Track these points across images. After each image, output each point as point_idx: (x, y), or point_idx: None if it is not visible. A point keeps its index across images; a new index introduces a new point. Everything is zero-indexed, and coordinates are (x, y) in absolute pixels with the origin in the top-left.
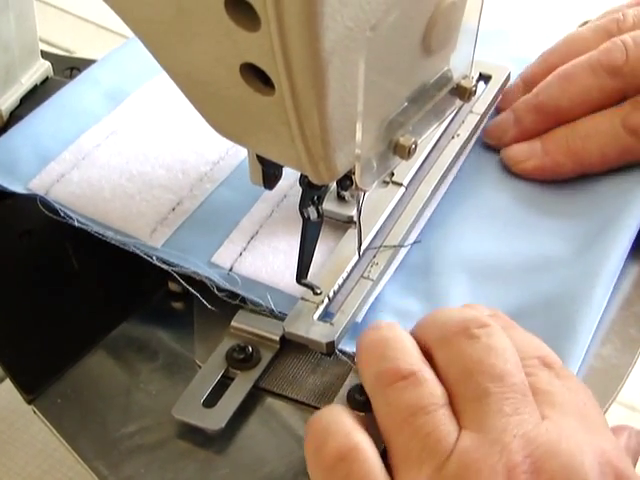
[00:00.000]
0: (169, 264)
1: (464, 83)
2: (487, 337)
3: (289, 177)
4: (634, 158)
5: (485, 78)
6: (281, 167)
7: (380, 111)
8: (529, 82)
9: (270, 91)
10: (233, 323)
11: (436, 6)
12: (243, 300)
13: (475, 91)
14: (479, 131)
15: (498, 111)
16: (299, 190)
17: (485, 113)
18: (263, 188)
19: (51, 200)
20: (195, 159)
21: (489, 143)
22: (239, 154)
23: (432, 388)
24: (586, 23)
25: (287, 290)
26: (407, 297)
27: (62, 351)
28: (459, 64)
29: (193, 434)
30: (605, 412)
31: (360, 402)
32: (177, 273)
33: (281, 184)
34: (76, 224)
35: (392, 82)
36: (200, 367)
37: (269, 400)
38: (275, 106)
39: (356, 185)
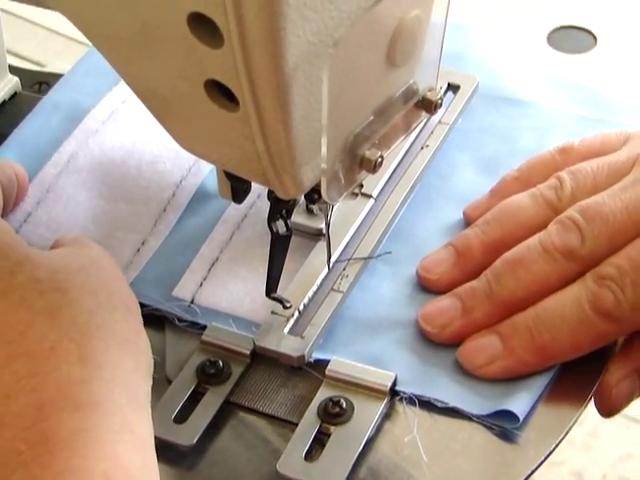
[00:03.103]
0: None
1: (430, 96)
2: None
3: (249, 197)
4: (607, 341)
5: (454, 88)
6: (250, 182)
7: (345, 125)
8: (465, 254)
9: (235, 107)
10: (203, 338)
11: (399, 20)
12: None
13: (441, 103)
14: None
15: (427, 283)
16: (259, 210)
17: (454, 123)
18: (224, 210)
19: None
20: (157, 181)
21: (428, 330)
22: (201, 172)
23: None
24: None
25: (247, 317)
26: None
27: None
28: (424, 77)
29: (164, 451)
30: (575, 420)
31: (331, 415)
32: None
33: (241, 204)
34: None
35: (357, 96)
36: (171, 382)
37: (240, 414)
38: (240, 122)
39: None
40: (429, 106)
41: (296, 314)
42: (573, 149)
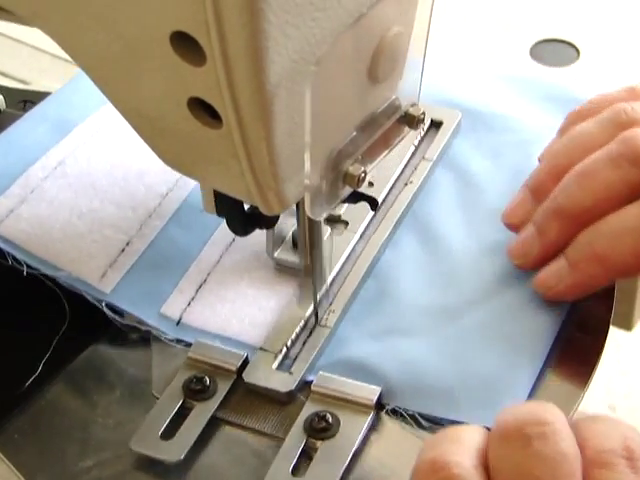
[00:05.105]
0: (118, 311)
1: (412, 111)
2: (539, 441)
3: None
4: None
5: (436, 124)
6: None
7: (328, 141)
8: (538, 190)
9: (218, 125)
10: (190, 354)
11: (381, 36)
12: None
13: (423, 119)
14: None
15: (512, 229)
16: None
17: (437, 160)
18: (211, 223)
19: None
20: (144, 192)
21: (516, 264)
22: (188, 185)
23: None
24: None
25: (234, 337)
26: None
27: (18, 386)
28: (407, 92)
29: (152, 466)
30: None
31: (317, 430)
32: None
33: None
34: (24, 273)
35: (340, 112)
36: (158, 399)
37: (228, 430)
38: (223, 139)
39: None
40: (412, 121)
41: (284, 350)
42: None
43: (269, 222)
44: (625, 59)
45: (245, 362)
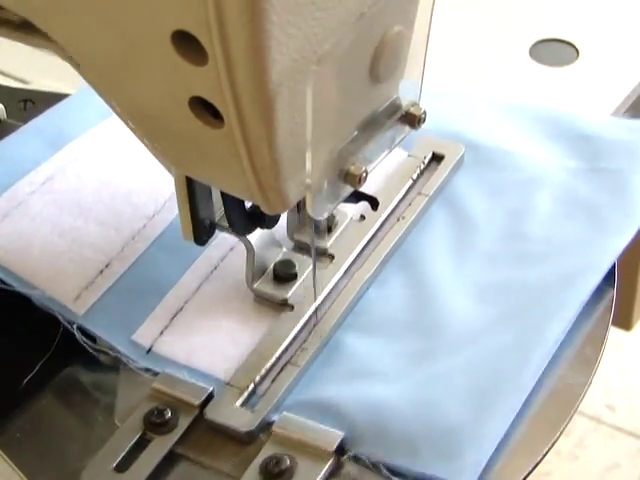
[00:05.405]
0: (89, 335)
1: (413, 110)
2: None
3: (221, 246)
4: None
5: (438, 158)
6: (214, 225)
7: (330, 141)
8: None
9: (219, 124)
10: (154, 384)
11: (382, 35)
12: None
13: (424, 118)
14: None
15: None
16: (231, 263)
17: (435, 195)
18: (195, 248)
19: None
20: (130, 212)
21: None
22: (175, 208)
23: None
24: None
25: (203, 370)
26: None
27: (19, 386)
28: (408, 92)
29: None
30: (562, 431)
31: (272, 474)
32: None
33: (213, 254)
34: None
35: (341, 111)
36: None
37: (184, 466)
38: (225, 139)
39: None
40: (412, 120)
41: (251, 386)
42: None
43: (270, 221)
44: (624, 59)
45: (210, 397)
